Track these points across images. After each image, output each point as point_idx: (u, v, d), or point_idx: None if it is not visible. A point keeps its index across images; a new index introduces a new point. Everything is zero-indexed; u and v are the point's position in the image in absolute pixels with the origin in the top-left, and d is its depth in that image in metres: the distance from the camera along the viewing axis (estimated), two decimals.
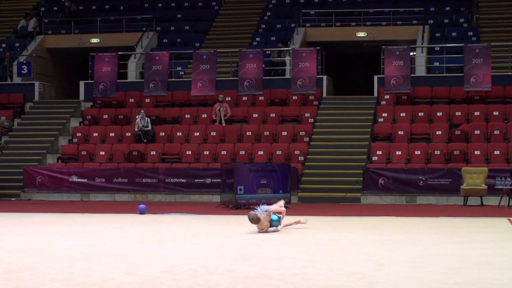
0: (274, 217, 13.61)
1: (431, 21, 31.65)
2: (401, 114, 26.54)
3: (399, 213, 18.83)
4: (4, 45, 33.84)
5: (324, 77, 28.70)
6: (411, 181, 23.41)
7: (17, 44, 33.54)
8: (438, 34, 31.11)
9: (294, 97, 27.78)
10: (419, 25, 30.77)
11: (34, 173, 25.08)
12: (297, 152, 25.16)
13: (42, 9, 36.30)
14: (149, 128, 26.75)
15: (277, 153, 25.08)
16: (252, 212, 13.45)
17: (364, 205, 22.92)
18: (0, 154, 26.91)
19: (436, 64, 29.63)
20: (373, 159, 24.80)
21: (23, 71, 30.89)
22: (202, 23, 34.36)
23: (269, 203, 15.71)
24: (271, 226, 13.52)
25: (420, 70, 29.11)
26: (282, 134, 26.20)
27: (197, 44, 32.36)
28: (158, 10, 35.34)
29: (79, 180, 24.75)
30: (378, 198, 23.46)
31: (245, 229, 14.28)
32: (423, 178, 23.34)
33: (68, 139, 27.76)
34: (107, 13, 35.20)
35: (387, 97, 27.31)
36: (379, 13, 32.42)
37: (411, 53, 27.93)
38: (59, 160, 26.70)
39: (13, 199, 24.92)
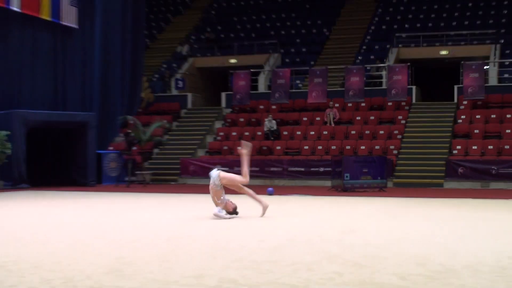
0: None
1: (502, 41, 30.55)
2: (477, 116, 25.74)
3: (475, 196, 18.30)
4: (165, 66, 34.69)
5: (414, 87, 28.20)
6: (486, 170, 22.67)
7: (174, 65, 34.32)
8: (508, 51, 30.01)
9: (389, 103, 27.38)
10: (492, 44, 29.88)
11: (188, 163, 25.58)
12: (391, 147, 24.80)
13: (193, 37, 37.01)
14: (275, 128, 26.90)
15: (375, 147, 24.79)
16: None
17: (446, 189, 22.36)
18: (162, 149, 27.67)
19: (506, 75, 28.67)
20: (453, 152, 24.19)
21: (179, 85, 31.61)
22: (316, 46, 34.32)
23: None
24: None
25: (493, 80, 28.16)
26: (380, 132, 25.86)
27: (312, 62, 32.34)
28: (282, 36, 35.46)
29: (222, 168, 25.05)
30: (458, 184, 22.82)
31: (351, 208, 14.18)
32: (495, 168, 22.57)
33: (213, 137, 28.22)
34: (242, 40, 35.56)
35: (465, 102, 26.58)
36: (458, 35, 31.63)
37: (485, 67, 27.11)
38: (207, 153, 27.18)
39: (172, 183, 25.50)
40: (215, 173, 11.82)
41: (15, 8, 23.14)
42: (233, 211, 11.76)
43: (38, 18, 24.23)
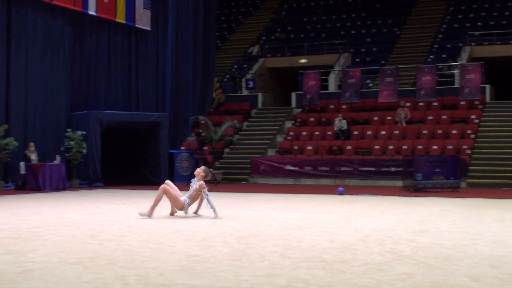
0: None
1: None
2: None
3: None
4: (235, 66, 34.97)
5: (487, 86, 27.56)
6: None
7: (245, 65, 34.55)
8: None
9: (462, 103, 26.84)
10: None
11: (259, 162, 25.66)
12: (465, 147, 24.28)
13: (263, 38, 37.13)
14: (346, 128, 26.71)
15: (448, 147, 24.31)
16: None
17: None
18: (233, 149, 27.84)
19: None
20: None
21: (249, 86, 31.77)
22: (387, 45, 33.97)
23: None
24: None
25: None
26: (453, 132, 25.35)
27: (383, 62, 32.00)
28: (352, 36, 35.24)
29: (292, 168, 25.10)
30: None
31: (423, 208, 13.94)
32: None
33: (283, 137, 28.24)
34: (312, 40, 35.49)
35: None
36: None
37: None
38: (277, 153, 27.22)
39: (243, 182, 25.63)
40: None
41: (91, 12, 23.74)
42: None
43: (114, 22, 24.79)
